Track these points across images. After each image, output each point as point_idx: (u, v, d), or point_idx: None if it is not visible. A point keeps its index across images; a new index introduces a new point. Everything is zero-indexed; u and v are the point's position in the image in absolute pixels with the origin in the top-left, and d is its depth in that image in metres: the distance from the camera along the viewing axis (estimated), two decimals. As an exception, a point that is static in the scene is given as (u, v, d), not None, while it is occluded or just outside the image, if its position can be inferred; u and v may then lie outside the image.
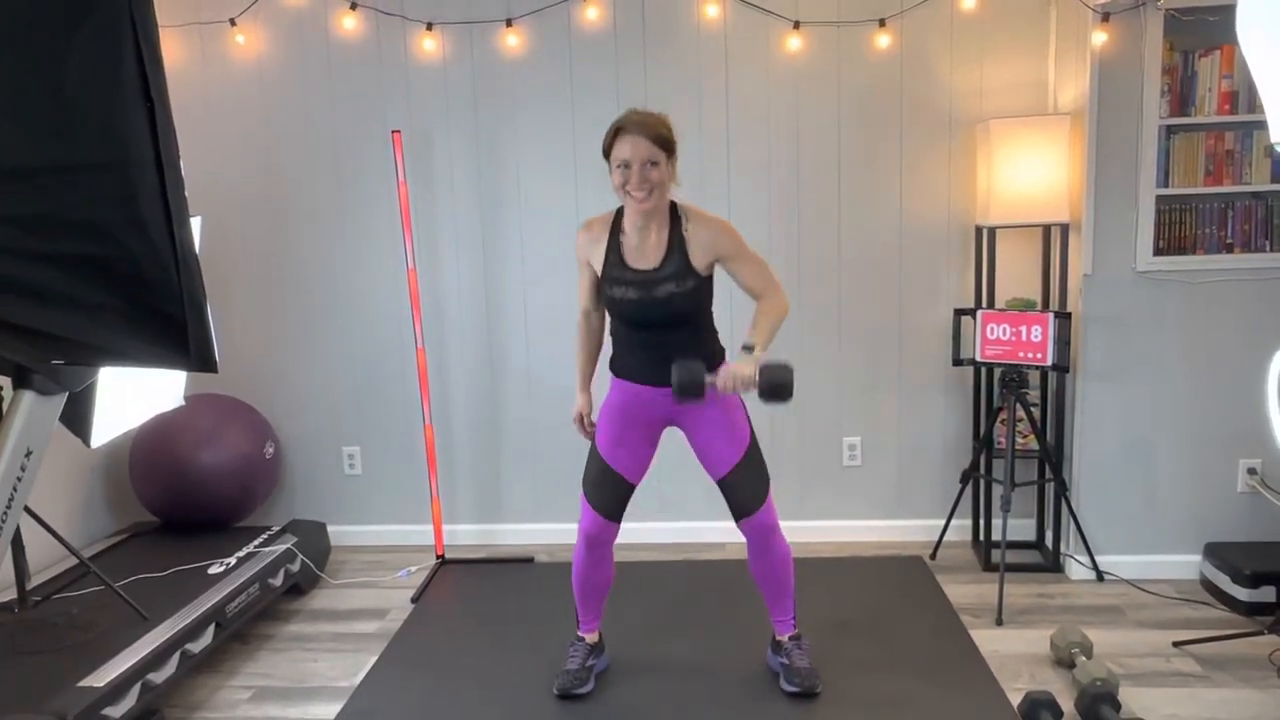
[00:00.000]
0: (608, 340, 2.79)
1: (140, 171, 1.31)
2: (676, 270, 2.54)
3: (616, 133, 2.47)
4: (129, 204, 1.31)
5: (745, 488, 2.67)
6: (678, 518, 4.07)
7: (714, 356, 2.68)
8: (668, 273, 2.54)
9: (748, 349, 2.49)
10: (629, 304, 2.57)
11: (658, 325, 2.59)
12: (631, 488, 2.74)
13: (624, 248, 2.59)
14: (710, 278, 2.60)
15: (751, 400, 2.74)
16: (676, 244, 2.55)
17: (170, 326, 1.38)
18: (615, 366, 2.73)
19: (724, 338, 2.75)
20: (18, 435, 2.06)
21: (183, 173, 1.36)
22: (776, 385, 2.39)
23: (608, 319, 2.78)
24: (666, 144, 2.49)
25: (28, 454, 2.21)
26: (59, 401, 2.39)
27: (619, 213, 2.64)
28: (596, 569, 2.80)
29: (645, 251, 2.57)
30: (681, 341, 2.58)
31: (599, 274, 2.64)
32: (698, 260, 2.54)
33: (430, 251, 3.99)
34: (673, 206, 2.58)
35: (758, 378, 2.40)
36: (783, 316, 2.58)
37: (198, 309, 1.38)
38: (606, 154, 2.51)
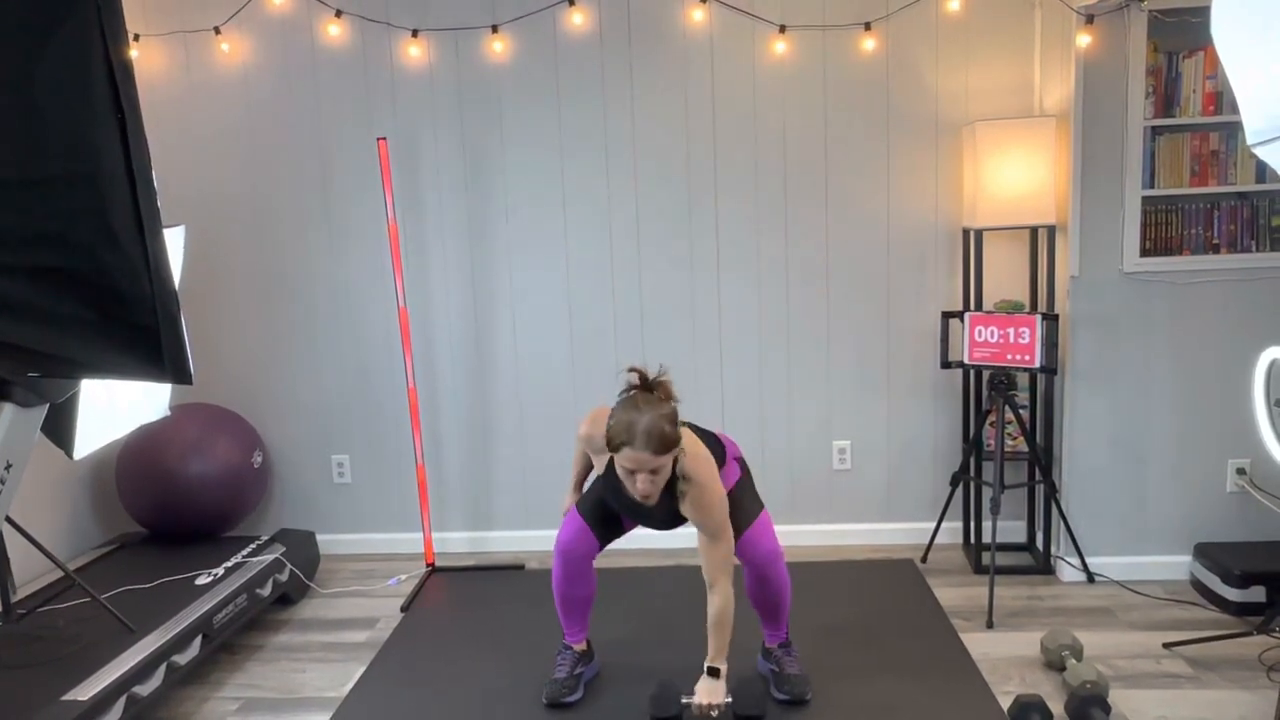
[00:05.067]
0: None
1: (111, 183, 1.30)
2: (665, 517, 2.64)
3: (622, 444, 2.38)
4: (100, 216, 1.30)
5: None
6: (668, 523, 4.06)
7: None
8: (658, 516, 2.64)
9: (713, 672, 2.59)
10: (623, 508, 2.67)
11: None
12: (623, 531, 2.81)
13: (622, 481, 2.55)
14: None
15: (743, 399, 2.75)
16: (669, 502, 2.57)
17: (144, 338, 1.37)
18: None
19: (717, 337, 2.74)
20: (-3, 448, 2.05)
21: (155, 184, 1.35)
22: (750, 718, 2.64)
23: None
24: (670, 448, 2.40)
25: (7, 466, 2.20)
26: (39, 414, 2.38)
27: None
28: (575, 585, 2.80)
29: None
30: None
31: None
32: (687, 514, 2.59)
33: (418, 257, 3.98)
34: (674, 463, 2.51)
35: (732, 701, 2.61)
36: (730, 619, 2.59)
37: (171, 320, 1.37)
38: (612, 449, 2.43)
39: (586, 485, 2.90)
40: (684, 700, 2.61)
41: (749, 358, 3.94)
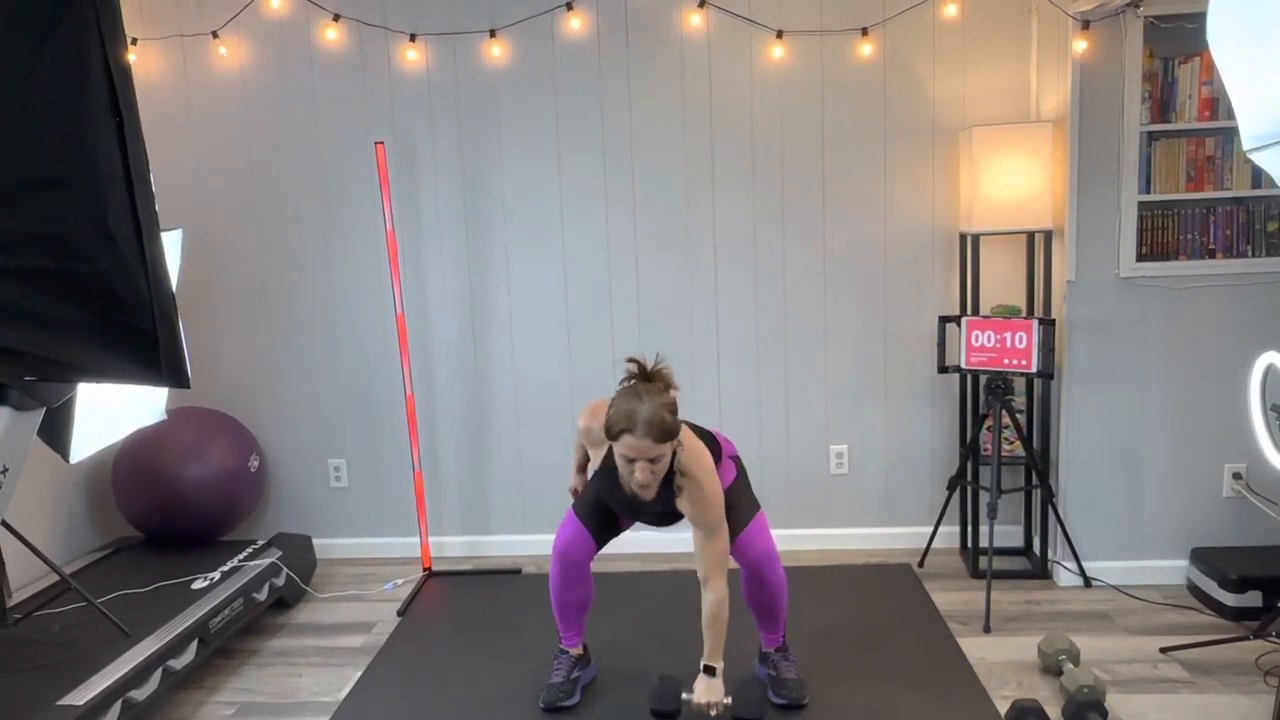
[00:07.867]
0: None
1: (109, 186, 1.29)
2: (662, 512, 2.64)
3: (622, 431, 2.39)
4: (98, 219, 1.29)
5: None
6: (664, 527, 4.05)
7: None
8: (655, 511, 2.64)
9: (709, 670, 2.60)
10: (619, 504, 2.68)
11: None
12: (620, 530, 2.82)
13: (619, 472, 2.53)
14: None
15: (741, 403, 2.75)
16: (666, 496, 2.57)
17: (141, 342, 1.37)
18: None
19: (711, 334, 2.74)
20: (-7, 452, 2.04)
21: (153, 187, 1.34)
22: None
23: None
24: (669, 437, 2.41)
25: (3, 470, 2.19)
26: (35, 417, 2.38)
27: None
28: (573, 588, 2.80)
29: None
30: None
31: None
32: (683, 510, 2.59)
33: (415, 261, 3.98)
34: (673, 456, 2.52)
35: (730, 700, 2.59)
36: (725, 617, 2.59)
37: (169, 324, 1.36)
38: (612, 437, 2.43)
39: (588, 473, 2.90)
40: (684, 697, 2.59)
41: (746, 362, 3.94)
